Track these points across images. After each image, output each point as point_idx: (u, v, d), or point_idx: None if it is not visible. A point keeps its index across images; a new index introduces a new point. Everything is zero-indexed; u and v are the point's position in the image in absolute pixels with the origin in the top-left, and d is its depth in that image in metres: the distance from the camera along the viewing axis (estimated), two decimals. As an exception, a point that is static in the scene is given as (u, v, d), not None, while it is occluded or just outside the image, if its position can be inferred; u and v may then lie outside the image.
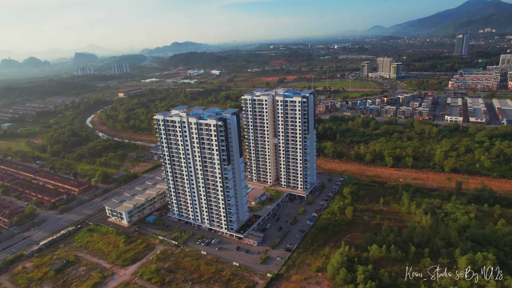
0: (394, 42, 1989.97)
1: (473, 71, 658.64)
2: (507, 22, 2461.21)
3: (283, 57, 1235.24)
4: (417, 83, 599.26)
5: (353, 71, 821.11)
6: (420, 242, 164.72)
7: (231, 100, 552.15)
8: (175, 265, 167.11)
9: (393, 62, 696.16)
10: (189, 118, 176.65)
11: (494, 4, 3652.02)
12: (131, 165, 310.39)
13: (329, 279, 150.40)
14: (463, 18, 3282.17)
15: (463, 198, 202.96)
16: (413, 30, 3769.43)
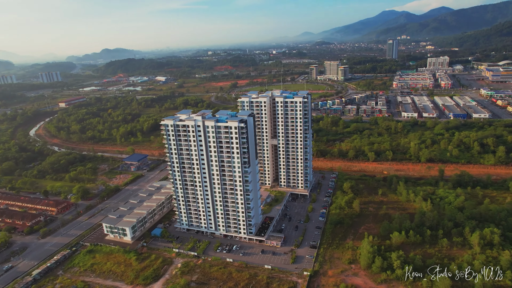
0: (327, 47, 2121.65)
1: (409, 73, 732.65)
2: (418, 31, 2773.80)
3: (227, 63, 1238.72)
4: (365, 84, 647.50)
5: (301, 75, 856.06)
6: (431, 225, 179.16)
7: (191, 105, 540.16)
8: (204, 276, 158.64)
9: (339, 65, 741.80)
10: (206, 121, 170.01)
11: (405, 15, 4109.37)
12: (107, 178, 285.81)
13: (364, 269, 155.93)
14: (382, 26, 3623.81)
15: (449, 183, 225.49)
16: (340, 36, 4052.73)
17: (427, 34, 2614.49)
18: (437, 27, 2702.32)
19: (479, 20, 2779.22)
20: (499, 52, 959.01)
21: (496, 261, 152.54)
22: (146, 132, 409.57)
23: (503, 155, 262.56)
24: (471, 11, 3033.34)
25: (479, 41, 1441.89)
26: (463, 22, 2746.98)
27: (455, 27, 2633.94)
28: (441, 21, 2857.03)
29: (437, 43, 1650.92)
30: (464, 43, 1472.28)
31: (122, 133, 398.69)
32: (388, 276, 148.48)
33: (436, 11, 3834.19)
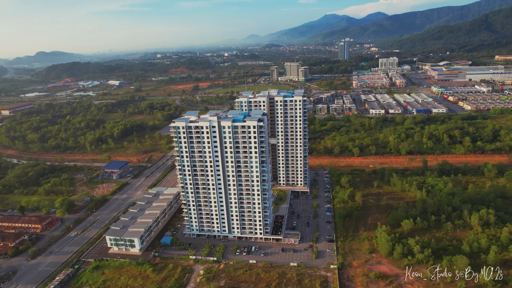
0: (277, 49, 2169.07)
1: (364, 73, 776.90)
2: (359, 34, 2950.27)
3: (182, 65, 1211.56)
4: (326, 84, 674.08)
5: (261, 76, 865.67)
6: (433, 211, 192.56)
7: (157, 109, 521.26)
8: (232, 280, 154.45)
9: (300, 67, 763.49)
10: (222, 121, 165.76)
11: (346, 19, 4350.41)
12: (88, 189, 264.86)
13: (385, 257, 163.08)
14: (326, 29, 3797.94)
15: (435, 173, 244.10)
16: (286, 38, 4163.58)
17: (368, 37, 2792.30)
18: (376, 31, 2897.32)
19: (410, 25, 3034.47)
20: (435, 53, 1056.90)
21: (496, 238, 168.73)
22: (117, 138, 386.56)
23: (470, 145, 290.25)
24: (404, 16, 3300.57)
25: (416, 44, 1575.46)
26: (398, 26, 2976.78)
27: (391, 31, 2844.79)
28: (379, 25, 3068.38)
29: (379, 45, 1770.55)
30: (404, 45, 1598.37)
31: (91, 140, 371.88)
32: (410, 261, 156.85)
33: (373, 16, 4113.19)
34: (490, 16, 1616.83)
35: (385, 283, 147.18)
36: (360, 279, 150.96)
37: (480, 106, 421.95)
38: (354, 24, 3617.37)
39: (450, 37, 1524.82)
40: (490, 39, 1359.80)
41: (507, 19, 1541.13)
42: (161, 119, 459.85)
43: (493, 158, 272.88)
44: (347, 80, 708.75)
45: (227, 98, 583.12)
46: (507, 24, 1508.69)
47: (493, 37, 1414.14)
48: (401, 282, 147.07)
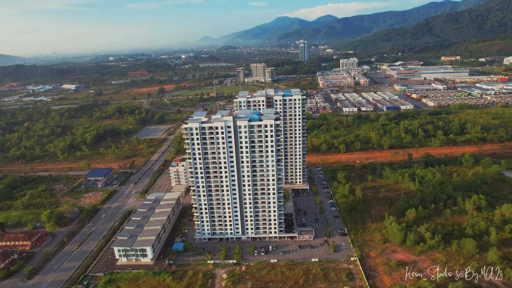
0: (234, 51, 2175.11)
1: (328, 73, 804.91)
2: (313, 36, 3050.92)
3: (140, 68, 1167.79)
4: (294, 84, 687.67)
5: (226, 78, 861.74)
6: (430, 200, 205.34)
7: (127, 113, 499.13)
8: (258, 281, 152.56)
9: (266, 68, 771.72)
10: (238, 121, 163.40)
11: (298, 21, 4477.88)
12: (73, 199, 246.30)
13: (399, 245, 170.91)
14: (279, 31, 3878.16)
15: (421, 164, 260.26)
16: (241, 40, 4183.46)
17: (321, 38, 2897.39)
18: (328, 33, 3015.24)
19: (359, 27, 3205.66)
20: (389, 54, 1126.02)
21: (490, 220, 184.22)
22: (91, 145, 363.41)
23: (444, 138, 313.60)
24: (353, 19, 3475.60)
25: (368, 45, 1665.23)
26: (348, 28, 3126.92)
27: (342, 33, 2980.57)
28: (330, 27, 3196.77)
29: (334, 47, 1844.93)
30: (357, 47, 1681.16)
31: (63, 147, 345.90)
32: (422, 247, 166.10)
33: (324, 19, 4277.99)
34: (430, 21, 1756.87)
35: (404, 269, 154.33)
36: (382, 268, 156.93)
37: (442, 102, 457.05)
38: (306, 27, 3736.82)
39: (398, 39, 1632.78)
40: (432, 42, 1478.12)
41: (444, 24, 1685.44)
42: (134, 123, 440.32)
43: (464, 149, 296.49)
44: (313, 80, 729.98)
45: (198, 100, 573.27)
46: (445, 29, 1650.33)
47: (435, 39, 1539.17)
48: (420, 268, 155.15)
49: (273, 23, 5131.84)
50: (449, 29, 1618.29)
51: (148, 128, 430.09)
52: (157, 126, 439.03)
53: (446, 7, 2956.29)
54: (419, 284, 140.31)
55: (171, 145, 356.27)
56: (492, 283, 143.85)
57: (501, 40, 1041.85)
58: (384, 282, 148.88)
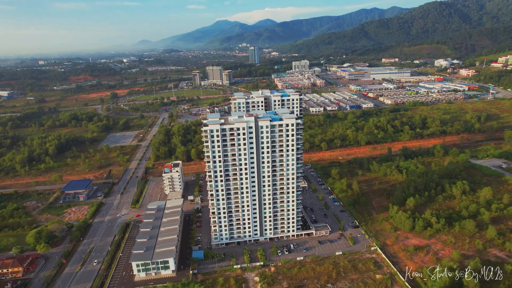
0: (178, 55, 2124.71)
1: (283, 75, 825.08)
2: (255, 39, 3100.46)
3: (83, 72, 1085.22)
4: (253, 86, 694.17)
5: (180, 81, 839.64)
6: (422, 189, 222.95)
7: (86, 120, 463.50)
8: (293, 280, 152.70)
9: (223, 70, 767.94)
10: (260, 121, 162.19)
11: (239, 25, 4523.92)
12: (54, 216, 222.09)
13: (409, 232, 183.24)
14: (221, 35, 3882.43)
15: (402, 157, 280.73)
16: (182, 44, 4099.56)
17: (263, 42, 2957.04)
18: (269, 36, 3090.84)
19: (298, 31, 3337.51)
20: (334, 56, 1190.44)
21: (477, 202, 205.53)
22: (54, 156, 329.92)
23: (412, 132, 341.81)
24: (292, 23, 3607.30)
25: (311, 48, 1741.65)
26: (288, 32, 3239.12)
27: (282, 37, 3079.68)
28: (271, 31, 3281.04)
29: (278, 50, 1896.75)
30: (301, 50, 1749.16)
31: (21, 160, 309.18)
32: (430, 231, 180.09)
33: (264, 22, 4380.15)
34: (365, 26, 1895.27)
35: (423, 253, 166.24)
36: (402, 254, 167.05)
37: (397, 100, 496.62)
38: (247, 30, 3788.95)
39: (338, 43, 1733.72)
40: (369, 45, 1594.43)
41: (377, 29, 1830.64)
42: (97, 131, 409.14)
43: (430, 142, 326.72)
44: (270, 82, 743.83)
45: (159, 105, 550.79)
46: (378, 33, 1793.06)
47: (371, 43, 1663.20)
48: (435, 250, 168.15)
49: (213, 26, 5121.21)
50: (382, 33, 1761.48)
51: (113, 136, 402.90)
52: (123, 132, 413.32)
53: (374, 14, 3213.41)
54: (443, 264, 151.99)
55: (147, 152, 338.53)
56: (498, 257, 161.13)
57: (429, 45, 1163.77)
58: (409, 266, 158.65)
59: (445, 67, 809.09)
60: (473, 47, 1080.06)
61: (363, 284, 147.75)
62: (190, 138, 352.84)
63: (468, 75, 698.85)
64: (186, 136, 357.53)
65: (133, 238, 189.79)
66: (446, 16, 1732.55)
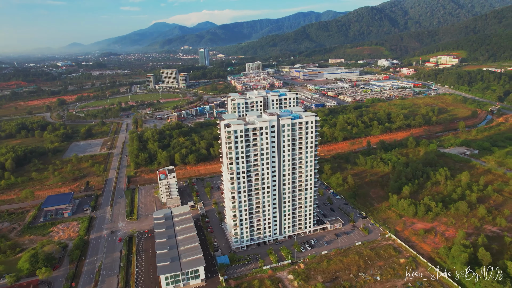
0: (118, 58, 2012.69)
1: (239, 76, 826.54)
2: (196, 41, 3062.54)
3: (13, 78, 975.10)
4: (211, 88, 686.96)
5: (132, 85, 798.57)
6: (410, 178, 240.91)
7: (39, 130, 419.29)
8: (326, 273, 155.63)
9: (178, 73, 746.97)
10: (282, 120, 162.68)
11: (178, 27, 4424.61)
12: (40, 237, 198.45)
13: (413, 217, 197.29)
14: (160, 37, 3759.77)
15: (382, 150, 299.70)
16: (119, 47, 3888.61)
17: (205, 44, 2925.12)
18: (211, 39, 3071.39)
19: (239, 33, 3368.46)
20: (283, 58, 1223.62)
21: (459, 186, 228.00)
22: (13, 170, 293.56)
23: (382, 127, 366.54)
24: (233, 26, 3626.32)
25: (257, 50, 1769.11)
26: (229, 34, 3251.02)
27: (224, 39, 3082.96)
28: (213, 33, 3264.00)
29: (224, 52, 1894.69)
30: (247, 52, 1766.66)
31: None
32: (431, 215, 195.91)
33: (204, 25, 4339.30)
34: (306, 28, 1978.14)
35: (432, 235, 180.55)
36: (414, 238, 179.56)
37: (357, 98, 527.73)
38: (188, 33, 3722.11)
39: (282, 44, 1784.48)
40: (311, 46, 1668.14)
41: (318, 31, 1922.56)
42: (56, 140, 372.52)
43: (398, 135, 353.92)
44: (228, 84, 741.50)
45: (117, 110, 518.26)
46: (319, 35, 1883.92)
47: (313, 44, 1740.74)
48: (440, 231, 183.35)
49: (150, 29, 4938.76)
50: (323, 36, 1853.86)
51: (77, 145, 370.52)
52: (87, 141, 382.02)
53: (311, 17, 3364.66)
54: (455, 241, 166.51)
55: (122, 160, 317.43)
56: (493, 231, 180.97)
57: (369, 46, 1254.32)
58: (425, 248, 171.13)
59: (388, 67, 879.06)
60: (406, 49, 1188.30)
61: (391, 269, 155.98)
62: (166, 143, 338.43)
63: (408, 74, 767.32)
64: (162, 141, 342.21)
65: (144, 252, 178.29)
66: (378, 20, 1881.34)
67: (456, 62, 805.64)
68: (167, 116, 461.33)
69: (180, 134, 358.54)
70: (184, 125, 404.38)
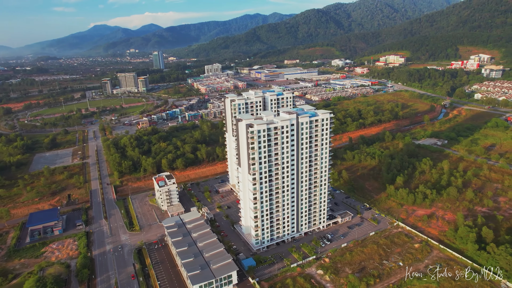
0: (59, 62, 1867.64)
1: (200, 79, 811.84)
2: (143, 45, 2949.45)
3: None
4: (174, 91, 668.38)
5: (85, 91, 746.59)
6: (399, 169, 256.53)
7: None
8: (352, 265, 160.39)
9: (137, 77, 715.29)
10: (300, 118, 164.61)
11: (122, 30, 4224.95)
12: (33, 259, 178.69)
13: (412, 205, 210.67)
14: (102, 40, 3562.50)
15: (365, 145, 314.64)
16: (56, 51, 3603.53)
17: (152, 47, 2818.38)
18: (159, 41, 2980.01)
19: (187, 36, 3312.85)
20: (240, 59, 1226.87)
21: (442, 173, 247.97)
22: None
23: (356, 123, 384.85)
24: (180, 28, 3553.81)
25: (209, 52, 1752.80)
26: (177, 37, 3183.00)
27: (172, 42, 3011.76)
28: (160, 36, 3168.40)
29: (175, 55, 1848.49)
30: (199, 54, 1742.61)
31: None
32: (428, 202, 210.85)
33: (148, 27, 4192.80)
34: (257, 30, 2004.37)
35: (435, 220, 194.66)
36: (420, 224, 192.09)
37: (323, 96, 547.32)
38: (132, 35, 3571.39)
39: (234, 46, 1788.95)
40: (263, 48, 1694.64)
41: (268, 33, 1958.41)
42: (16, 153, 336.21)
43: (371, 130, 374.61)
44: (190, 87, 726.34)
45: (78, 118, 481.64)
46: (270, 37, 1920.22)
47: (264, 46, 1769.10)
48: (440, 216, 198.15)
49: (90, 31, 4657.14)
50: (273, 37, 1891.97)
51: (43, 156, 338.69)
52: (53, 152, 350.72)
53: (258, 19, 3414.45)
54: (459, 224, 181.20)
55: (101, 169, 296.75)
56: (483, 212, 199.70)
57: (320, 47, 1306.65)
58: (432, 232, 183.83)
59: (342, 66, 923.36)
60: (354, 49, 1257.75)
61: (410, 254, 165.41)
62: (146, 149, 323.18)
63: (363, 72, 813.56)
64: (141, 147, 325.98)
65: (161, 263, 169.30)
66: (324, 22, 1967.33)
67: (403, 61, 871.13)
68: (137, 122, 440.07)
69: (160, 139, 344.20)
70: (161, 129, 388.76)
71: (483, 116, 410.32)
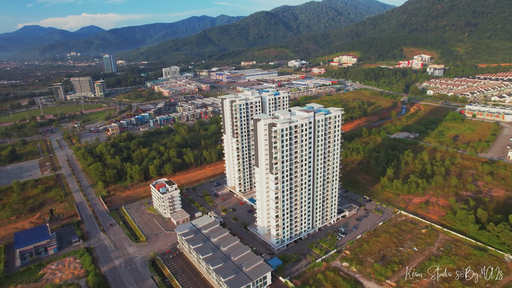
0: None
1: (159, 82, 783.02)
2: (85, 48, 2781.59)
3: None
4: (135, 95, 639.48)
5: (33, 97, 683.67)
6: (386, 161, 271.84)
7: None
8: (373, 254, 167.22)
9: (93, 81, 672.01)
10: (317, 115, 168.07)
11: (59, 32, 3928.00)
12: (32, 284, 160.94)
13: (408, 194, 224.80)
14: (37, 43, 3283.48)
15: (346, 140, 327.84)
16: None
17: (96, 50, 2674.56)
18: (102, 44, 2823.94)
19: (133, 38, 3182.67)
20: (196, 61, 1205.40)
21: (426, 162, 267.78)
22: None
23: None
24: (124, 30, 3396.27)
25: (160, 55, 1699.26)
26: (122, 40, 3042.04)
27: (117, 44, 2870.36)
28: (103, 38, 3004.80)
29: (123, 58, 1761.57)
30: (149, 57, 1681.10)
31: None
32: (420, 190, 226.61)
33: (89, 29, 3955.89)
34: (207, 33, 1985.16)
35: (431, 206, 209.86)
36: (420, 211, 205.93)
37: (290, 96, 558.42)
38: (72, 38, 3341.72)
39: (186, 48, 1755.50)
40: (215, 50, 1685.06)
41: (219, 35, 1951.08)
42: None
43: (346, 127, 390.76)
44: (151, 90, 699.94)
45: (34, 126, 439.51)
46: (221, 39, 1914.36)
47: (217, 48, 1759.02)
48: (435, 202, 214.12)
49: (20, 33, 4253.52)
50: (225, 39, 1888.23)
51: (4, 170, 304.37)
52: (16, 164, 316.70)
53: (206, 21, 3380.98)
54: (455, 208, 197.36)
55: (81, 180, 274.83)
56: (469, 195, 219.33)
57: (274, 48, 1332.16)
58: (433, 218, 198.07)
59: (299, 67, 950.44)
60: (307, 50, 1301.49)
61: (420, 240, 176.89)
62: (126, 156, 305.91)
63: (320, 73, 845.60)
64: (120, 154, 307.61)
65: (183, 272, 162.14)
66: (274, 24, 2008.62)
67: (355, 61, 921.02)
68: (105, 128, 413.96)
69: (139, 145, 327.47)
70: (136, 135, 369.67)
71: (440, 110, 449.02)
